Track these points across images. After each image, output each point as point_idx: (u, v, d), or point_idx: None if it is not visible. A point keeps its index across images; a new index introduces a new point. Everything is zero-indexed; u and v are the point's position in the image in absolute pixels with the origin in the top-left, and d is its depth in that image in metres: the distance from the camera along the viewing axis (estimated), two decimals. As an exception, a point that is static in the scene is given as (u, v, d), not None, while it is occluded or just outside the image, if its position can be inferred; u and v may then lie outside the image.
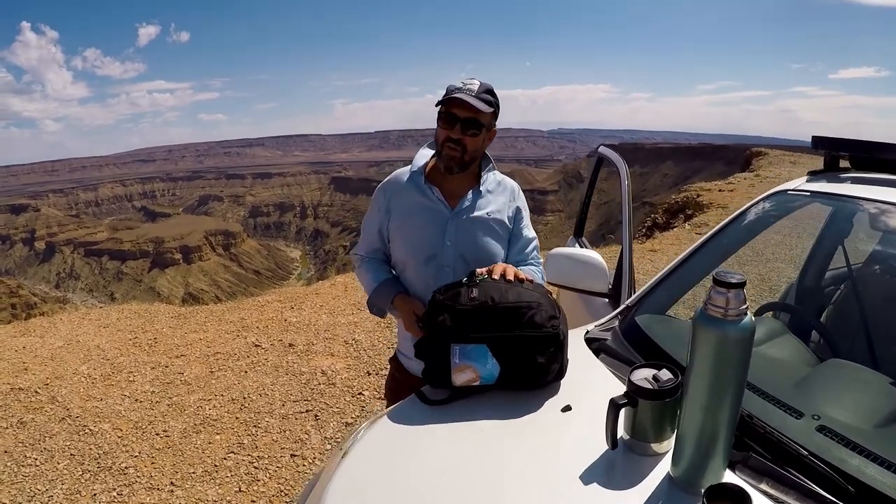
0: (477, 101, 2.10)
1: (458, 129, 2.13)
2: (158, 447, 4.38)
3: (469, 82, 2.14)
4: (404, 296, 2.26)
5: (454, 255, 2.22)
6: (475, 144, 2.18)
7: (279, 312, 7.38)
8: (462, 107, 2.11)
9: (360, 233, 2.47)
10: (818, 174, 2.55)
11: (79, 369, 5.78)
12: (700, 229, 12.13)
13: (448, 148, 2.16)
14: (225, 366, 5.76)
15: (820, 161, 2.59)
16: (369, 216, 2.39)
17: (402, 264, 2.32)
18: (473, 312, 1.75)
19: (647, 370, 1.48)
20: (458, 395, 1.74)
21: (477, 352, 1.70)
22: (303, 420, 4.72)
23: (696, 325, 1.26)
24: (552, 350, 1.73)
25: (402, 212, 2.27)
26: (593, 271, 2.72)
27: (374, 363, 5.66)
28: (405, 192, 2.28)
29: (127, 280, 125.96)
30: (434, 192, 2.25)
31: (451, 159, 2.17)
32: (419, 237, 2.24)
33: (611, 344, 2.05)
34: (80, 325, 7.26)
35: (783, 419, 1.55)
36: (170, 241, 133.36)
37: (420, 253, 2.23)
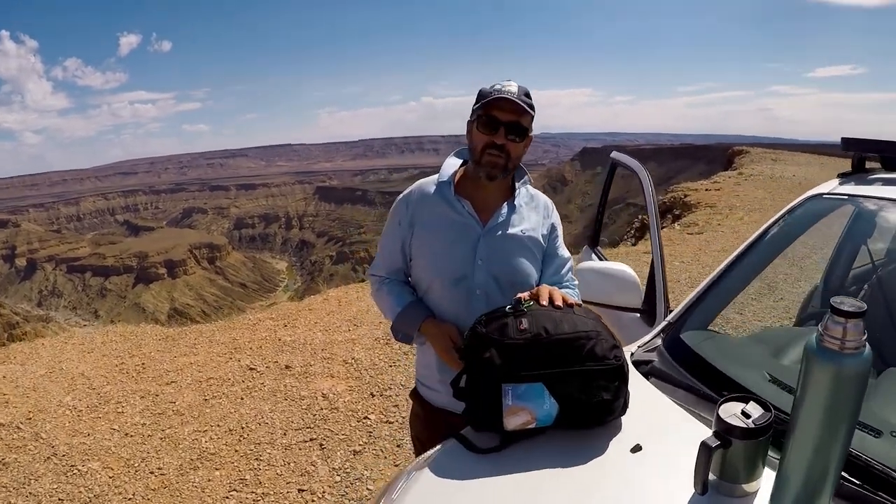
0: (521, 102, 1.93)
1: (501, 133, 1.94)
2: (154, 487, 4.15)
3: (506, 84, 1.96)
4: (434, 320, 2.05)
5: (486, 277, 2.02)
6: (518, 150, 2.01)
7: (272, 331, 7.15)
8: (505, 109, 1.93)
9: (378, 250, 2.25)
10: (848, 176, 2.41)
11: (63, 401, 5.50)
12: (690, 229, 12.09)
13: (490, 155, 1.97)
14: (219, 392, 5.52)
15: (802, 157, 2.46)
16: (389, 231, 2.19)
17: (427, 286, 2.11)
18: (526, 347, 1.56)
19: (733, 405, 1.33)
20: (509, 439, 1.54)
21: (532, 391, 1.52)
22: (307, 450, 4.50)
23: (810, 358, 1.14)
24: (617, 384, 1.55)
25: (428, 226, 2.07)
26: (625, 285, 2.56)
27: (376, 383, 5.45)
28: (431, 204, 2.08)
29: (111, 296, 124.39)
30: (464, 206, 2.05)
31: (493, 166, 1.98)
32: (447, 255, 2.04)
33: (660, 366, 1.90)
34: (63, 351, 6.95)
35: (862, 440, 1.42)
36: (154, 256, 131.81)
37: (448, 273, 2.04)
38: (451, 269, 2.03)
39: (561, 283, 2.14)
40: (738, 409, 1.30)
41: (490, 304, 1.96)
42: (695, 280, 7.99)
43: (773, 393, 1.65)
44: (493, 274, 2.02)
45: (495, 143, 1.95)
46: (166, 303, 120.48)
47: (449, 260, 2.03)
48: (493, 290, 2.02)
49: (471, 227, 2.04)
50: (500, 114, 1.93)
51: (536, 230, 2.11)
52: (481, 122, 1.97)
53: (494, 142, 1.95)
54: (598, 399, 1.52)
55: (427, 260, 2.08)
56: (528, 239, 2.08)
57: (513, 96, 1.92)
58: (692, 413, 1.62)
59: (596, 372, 1.54)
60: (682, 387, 1.75)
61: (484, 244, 2.03)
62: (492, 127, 1.95)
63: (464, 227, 2.04)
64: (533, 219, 2.12)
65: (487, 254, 2.02)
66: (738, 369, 1.78)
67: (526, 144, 2.05)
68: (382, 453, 4.37)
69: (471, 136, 2.05)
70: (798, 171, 21.09)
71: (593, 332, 1.59)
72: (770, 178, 19.45)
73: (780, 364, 1.86)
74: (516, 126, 1.95)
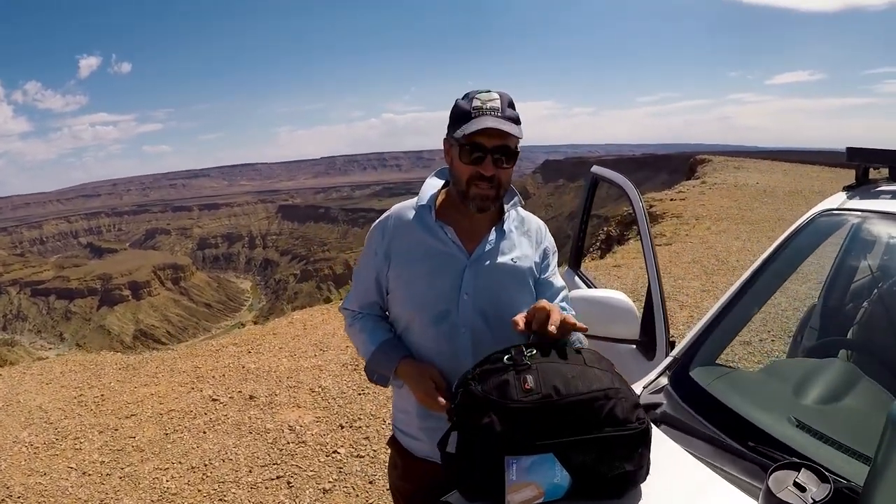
0: (508, 125, 1.69)
1: (488, 162, 1.71)
2: (113, 533, 3.83)
3: (488, 99, 1.71)
4: (413, 361, 1.80)
5: (472, 312, 1.79)
6: (509, 176, 1.79)
7: (236, 358, 6.86)
8: (491, 134, 1.69)
9: (353, 282, 2.02)
10: (854, 189, 2.24)
11: (19, 436, 5.18)
12: (658, 240, 12.00)
13: (478, 187, 1.74)
14: (181, 426, 5.21)
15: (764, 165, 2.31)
16: (363, 261, 1.95)
17: (406, 322, 1.88)
18: (533, 412, 1.29)
19: (784, 474, 1.13)
20: None
21: (541, 463, 1.26)
22: (274, 489, 4.21)
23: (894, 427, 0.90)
24: (640, 450, 1.31)
25: (407, 256, 1.84)
26: (621, 315, 2.33)
27: (345, 413, 5.18)
28: (410, 231, 1.85)
29: (76, 319, 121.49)
30: (447, 233, 1.82)
31: (484, 199, 1.75)
32: (428, 288, 1.81)
33: (671, 411, 1.67)
34: (21, 382, 6.61)
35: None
36: (118, 278, 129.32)
37: (429, 308, 1.80)
38: (432, 303, 1.80)
39: None
40: (790, 479, 1.09)
41: (477, 343, 1.78)
42: (667, 294, 7.85)
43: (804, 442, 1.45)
44: (480, 309, 1.79)
45: (483, 175, 1.72)
46: (131, 324, 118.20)
47: (430, 293, 1.81)
48: (480, 326, 1.79)
49: (455, 257, 1.82)
50: (485, 140, 1.70)
51: (528, 257, 1.90)
52: (464, 152, 1.73)
53: (482, 173, 1.72)
54: (618, 472, 1.28)
55: (406, 293, 1.85)
56: (520, 268, 1.86)
57: (496, 114, 1.69)
58: (716, 469, 1.41)
59: (616, 439, 1.29)
60: (699, 436, 1.53)
61: (470, 275, 1.80)
62: (478, 157, 1.72)
63: (447, 257, 1.82)
64: (524, 245, 1.91)
65: (474, 286, 1.80)
66: (760, 413, 1.58)
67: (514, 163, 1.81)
68: (354, 491, 4.10)
69: (452, 163, 1.82)
70: (762, 179, 21.28)
71: (611, 389, 1.33)
72: (734, 187, 19.57)
73: (803, 405, 1.66)
74: (505, 150, 1.73)
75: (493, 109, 1.69)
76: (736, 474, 1.38)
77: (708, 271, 9.14)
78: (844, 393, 1.72)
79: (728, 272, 8.88)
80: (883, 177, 2.28)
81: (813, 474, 1.09)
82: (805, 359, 2.65)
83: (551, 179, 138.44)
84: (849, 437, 1.43)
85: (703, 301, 7.53)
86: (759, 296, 2.11)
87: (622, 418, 1.29)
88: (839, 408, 1.66)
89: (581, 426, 1.28)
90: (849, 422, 1.62)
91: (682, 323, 6.73)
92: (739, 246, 10.73)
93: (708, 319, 1.99)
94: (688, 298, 7.78)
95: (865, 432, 1.52)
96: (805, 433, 1.49)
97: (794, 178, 21.64)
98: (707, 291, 8.00)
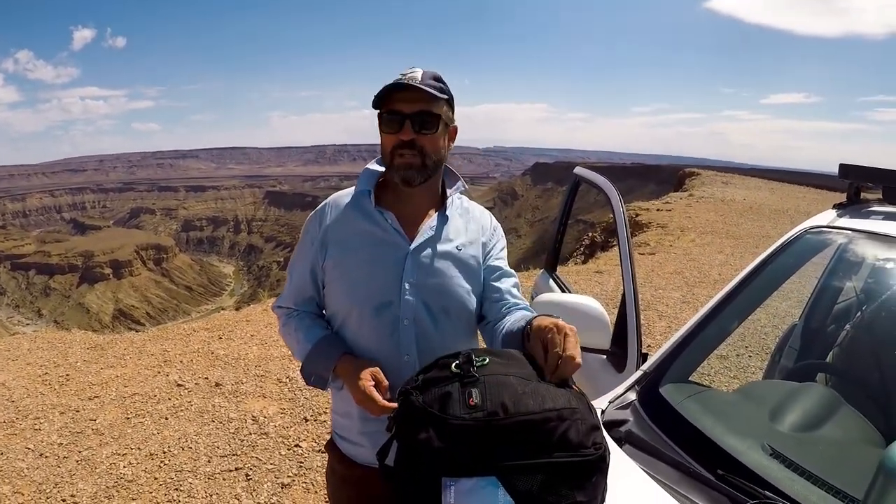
0: (429, 87, 1.62)
1: (407, 127, 1.63)
2: (64, 517, 3.69)
3: (409, 71, 1.65)
4: (353, 357, 1.67)
5: (415, 302, 1.68)
6: (435, 144, 1.68)
7: (206, 343, 6.72)
8: (408, 99, 1.62)
9: (287, 279, 1.89)
10: (844, 207, 2.15)
11: (-21, 414, 5.02)
12: (641, 249, 11.99)
13: (400, 156, 1.66)
14: (143, 410, 5.07)
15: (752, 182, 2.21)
16: (299, 253, 1.84)
17: (343, 317, 1.75)
18: (475, 431, 1.13)
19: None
20: None
21: (482, 487, 1.10)
22: (232, 480, 4.08)
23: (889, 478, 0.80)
24: (594, 479, 1.15)
25: (344, 245, 1.73)
26: (592, 323, 2.19)
27: (311, 406, 5.05)
28: (348, 218, 1.76)
29: (55, 296, 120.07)
30: (388, 219, 1.72)
31: (408, 168, 1.66)
32: (367, 279, 1.69)
33: (636, 430, 1.56)
34: (-13, 358, 6.44)
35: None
36: (99, 255, 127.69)
37: (368, 300, 1.68)
38: (372, 294, 1.68)
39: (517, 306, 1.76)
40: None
41: (421, 336, 1.68)
42: (647, 303, 7.82)
43: (778, 474, 1.34)
44: (423, 299, 1.68)
45: (403, 141, 1.64)
46: (111, 304, 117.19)
47: (370, 284, 1.69)
48: (424, 317, 1.67)
49: (396, 245, 1.71)
50: (403, 106, 1.63)
51: (474, 244, 1.79)
52: (383, 120, 1.66)
53: (402, 139, 1.64)
54: (567, 502, 1.12)
55: (343, 285, 1.74)
56: (464, 256, 1.75)
57: (415, 82, 1.61)
58: (681, 499, 1.31)
59: (567, 465, 1.13)
60: (665, 460, 1.42)
61: (412, 264, 1.69)
62: (396, 123, 1.64)
63: (387, 245, 1.71)
64: (469, 232, 1.80)
65: (416, 275, 1.69)
66: (732, 438, 1.47)
67: (449, 137, 1.74)
68: (313, 487, 3.98)
69: (380, 138, 1.73)
70: (749, 196, 21.39)
71: (567, 409, 1.17)
72: (721, 201, 19.64)
73: (779, 432, 1.56)
74: (426, 115, 1.64)
75: (412, 79, 1.63)
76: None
77: (689, 283, 9.12)
78: (823, 421, 1.63)
79: (709, 285, 8.86)
80: (875, 197, 2.19)
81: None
82: (783, 381, 2.55)
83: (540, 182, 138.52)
84: (826, 470, 1.33)
85: (682, 312, 7.48)
86: (740, 310, 2.01)
87: (576, 442, 1.14)
88: (817, 437, 1.56)
89: (529, 449, 1.12)
90: (827, 453, 1.52)
91: (660, 333, 6.68)
92: (722, 260, 10.73)
93: (683, 333, 1.88)
94: (667, 309, 7.73)
95: (844, 465, 1.43)
96: (780, 463, 1.39)
97: (780, 197, 21.76)
98: (687, 303, 7.96)
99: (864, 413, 1.75)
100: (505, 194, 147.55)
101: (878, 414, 1.89)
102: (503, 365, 1.23)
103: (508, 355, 1.30)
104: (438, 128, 1.66)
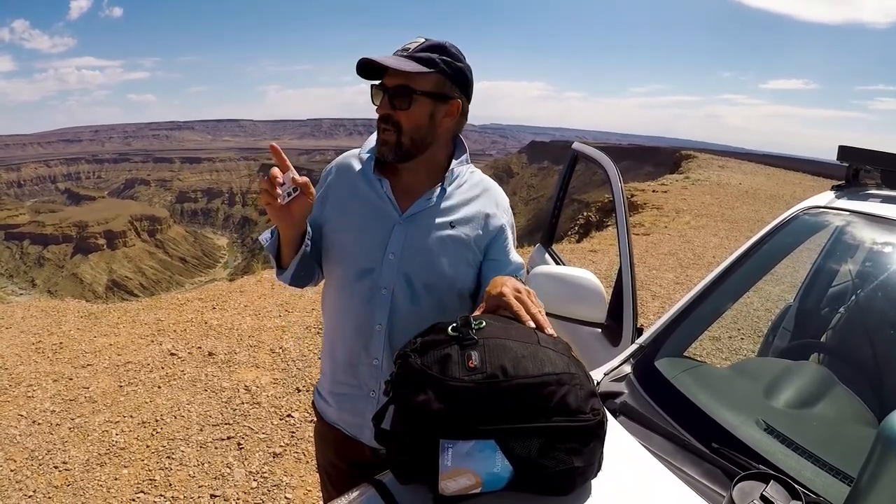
0: (399, 60, 1.56)
1: (384, 101, 1.60)
2: (56, 484, 3.71)
3: (410, 42, 1.62)
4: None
5: (395, 274, 1.65)
6: (412, 120, 1.61)
7: (199, 313, 6.73)
8: (391, 73, 1.59)
9: None
10: (843, 189, 2.15)
11: (-27, 382, 5.02)
12: (636, 229, 11.99)
13: (382, 130, 1.63)
14: (136, 379, 5.07)
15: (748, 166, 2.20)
16: None
17: (327, 275, 1.77)
18: (475, 393, 1.11)
19: (750, 485, 1.02)
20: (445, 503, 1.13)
21: (480, 450, 1.09)
22: (224, 449, 4.09)
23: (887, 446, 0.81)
24: (592, 444, 1.14)
25: (341, 205, 1.72)
26: (587, 295, 2.15)
27: (304, 377, 5.06)
28: (349, 181, 1.74)
29: (49, 266, 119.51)
30: (383, 186, 1.69)
31: (383, 144, 1.63)
32: (354, 241, 1.68)
33: (631, 402, 1.55)
34: (-20, 327, 6.44)
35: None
36: (94, 226, 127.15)
37: (352, 263, 1.68)
38: (357, 258, 1.67)
39: None
40: (757, 491, 0.97)
41: (395, 308, 1.65)
42: (641, 283, 7.83)
43: (772, 448, 1.34)
44: (404, 272, 1.65)
45: (381, 116, 1.62)
46: (104, 274, 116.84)
47: (356, 248, 1.68)
48: (403, 291, 1.65)
49: (386, 213, 1.67)
50: (387, 79, 1.60)
51: (474, 223, 1.71)
52: (371, 93, 1.64)
53: (379, 113, 1.62)
54: (565, 467, 1.12)
55: (332, 245, 1.73)
56: (458, 234, 1.68)
57: (400, 54, 1.59)
58: (675, 470, 1.31)
59: (565, 430, 1.12)
60: (659, 432, 1.42)
61: (399, 234, 1.66)
62: (377, 97, 1.62)
63: (378, 212, 1.68)
64: (472, 209, 1.72)
65: (402, 247, 1.65)
66: (727, 413, 1.47)
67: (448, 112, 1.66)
68: (304, 457, 4.00)
69: None
70: (744, 180, 21.39)
71: (565, 374, 1.14)
72: (717, 185, 19.64)
73: (773, 407, 1.56)
74: (402, 89, 1.58)
75: (404, 49, 1.60)
76: (696, 477, 1.28)
77: (683, 264, 9.14)
78: (817, 398, 1.63)
79: (703, 267, 8.89)
80: (874, 181, 2.18)
81: (783, 488, 0.97)
82: (777, 359, 2.56)
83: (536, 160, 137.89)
84: (820, 447, 1.33)
85: (675, 293, 7.51)
86: (736, 289, 2.00)
87: (574, 407, 1.12)
88: (811, 414, 1.56)
89: (527, 413, 1.11)
90: (820, 430, 1.53)
91: (653, 313, 6.70)
92: (717, 243, 10.75)
93: (679, 308, 1.87)
94: (661, 289, 7.75)
95: (838, 443, 1.43)
96: (774, 438, 1.39)
97: (776, 183, 21.76)
98: (681, 284, 7.99)
99: (858, 393, 1.76)
100: (501, 172, 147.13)
101: (871, 394, 1.90)
102: (502, 329, 1.21)
103: (505, 319, 1.29)
104: (413, 104, 1.59)
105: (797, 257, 2.27)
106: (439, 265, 1.66)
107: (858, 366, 2.20)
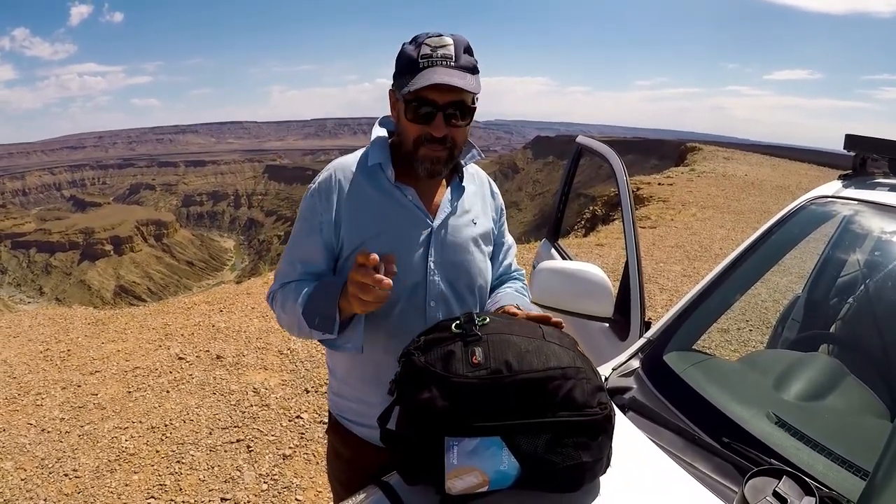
0: (462, 77, 1.43)
1: (439, 122, 1.46)
2: (67, 492, 3.71)
3: (440, 44, 1.45)
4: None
5: (441, 283, 1.59)
6: (464, 134, 1.54)
7: (207, 316, 6.73)
8: (441, 89, 1.43)
9: (284, 266, 1.65)
10: (850, 178, 2.12)
11: (-19, 392, 5.02)
12: (642, 223, 11.97)
13: (428, 149, 1.50)
14: (144, 384, 5.07)
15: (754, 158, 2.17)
16: (303, 234, 1.62)
17: None
18: (479, 389, 1.09)
19: (762, 482, 1.00)
20: (451, 502, 1.12)
21: (486, 447, 1.08)
22: (233, 452, 4.09)
23: None
24: (600, 439, 1.13)
25: (361, 224, 1.56)
26: (594, 290, 2.15)
27: (312, 378, 5.06)
28: (364, 195, 1.58)
29: (56, 273, 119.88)
30: (408, 195, 1.58)
31: (436, 163, 1.52)
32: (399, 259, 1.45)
33: (640, 398, 1.54)
34: (-11, 336, 6.43)
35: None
36: (100, 232, 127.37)
37: (397, 283, 1.41)
38: (400, 278, 1.45)
39: (509, 277, 1.77)
40: (769, 488, 0.95)
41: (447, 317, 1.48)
42: (648, 276, 7.80)
43: (783, 442, 1.33)
44: (447, 278, 1.60)
45: (433, 137, 1.48)
46: (112, 280, 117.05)
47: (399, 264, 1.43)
48: (450, 298, 1.60)
49: (420, 223, 1.58)
50: (436, 96, 1.45)
51: (487, 215, 1.73)
52: (411, 109, 1.48)
53: (432, 134, 1.48)
54: (573, 462, 1.10)
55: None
56: (480, 229, 1.68)
57: (449, 63, 1.44)
58: (686, 466, 1.29)
59: (572, 425, 1.11)
60: (669, 427, 1.41)
61: (436, 242, 1.59)
62: (427, 115, 1.47)
63: (411, 222, 1.58)
64: (480, 201, 1.73)
65: (441, 254, 1.59)
66: (737, 407, 1.45)
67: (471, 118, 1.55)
68: (314, 458, 3.99)
69: (398, 119, 1.56)
70: (750, 171, 21.30)
71: (571, 368, 1.13)
72: (722, 176, 19.57)
73: (784, 400, 1.55)
74: (459, 106, 1.48)
75: (446, 58, 1.44)
76: (708, 473, 1.26)
77: (690, 256, 9.10)
78: (828, 391, 1.61)
79: (710, 259, 8.85)
80: (881, 170, 2.16)
81: (796, 484, 0.95)
82: (787, 351, 2.54)
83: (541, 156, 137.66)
84: (832, 440, 1.31)
85: (683, 285, 7.48)
86: (744, 280, 1.98)
87: (581, 402, 1.11)
88: (822, 406, 1.55)
89: (533, 408, 1.10)
90: (832, 423, 1.51)
91: (661, 306, 6.67)
92: (724, 234, 10.71)
93: (687, 301, 1.85)
94: (668, 282, 7.72)
95: (849, 436, 1.41)
96: (785, 432, 1.37)
97: (782, 174, 21.65)
98: (688, 276, 7.95)
99: (869, 384, 1.74)
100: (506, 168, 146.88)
101: (882, 386, 1.88)
102: (506, 324, 1.20)
103: (509, 316, 1.28)
104: (470, 116, 1.52)
105: (805, 247, 2.24)
106: (475, 263, 1.65)
107: (869, 356, 2.18)
